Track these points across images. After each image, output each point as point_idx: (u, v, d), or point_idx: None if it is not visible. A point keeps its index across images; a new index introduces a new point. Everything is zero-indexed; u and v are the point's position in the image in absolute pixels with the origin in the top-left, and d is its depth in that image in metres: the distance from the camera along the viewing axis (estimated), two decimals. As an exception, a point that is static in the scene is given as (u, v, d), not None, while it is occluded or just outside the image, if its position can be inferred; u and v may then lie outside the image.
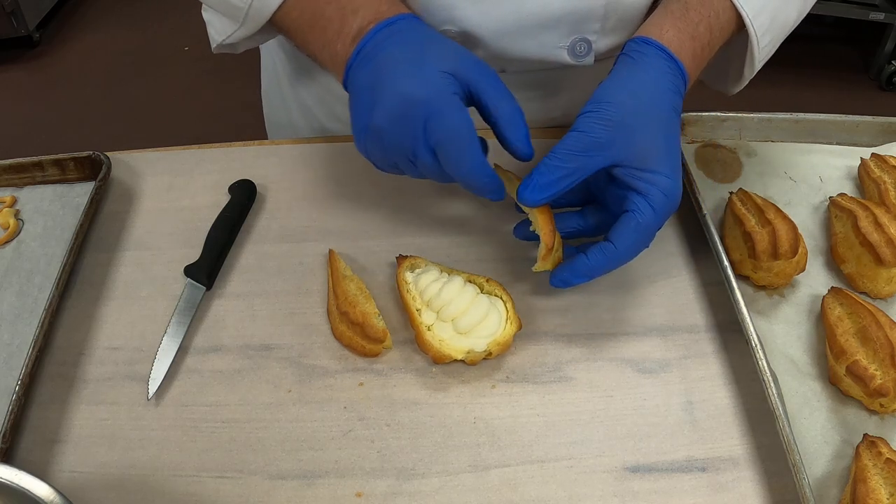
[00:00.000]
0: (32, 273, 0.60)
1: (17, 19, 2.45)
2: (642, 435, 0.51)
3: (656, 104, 0.52)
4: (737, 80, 0.64)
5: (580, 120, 0.51)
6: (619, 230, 0.51)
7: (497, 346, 0.53)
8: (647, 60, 0.53)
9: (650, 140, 0.51)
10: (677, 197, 0.52)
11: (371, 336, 0.53)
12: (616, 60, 0.55)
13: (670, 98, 0.53)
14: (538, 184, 0.51)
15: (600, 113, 0.51)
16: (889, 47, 2.41)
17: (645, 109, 0.51)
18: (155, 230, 0.64)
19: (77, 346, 0.56)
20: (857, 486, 0.45)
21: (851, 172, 0.69)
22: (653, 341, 0.56)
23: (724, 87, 0.66)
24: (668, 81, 0.53)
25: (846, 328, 0.53)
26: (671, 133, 0.53)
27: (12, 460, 0.49)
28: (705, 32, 0.55)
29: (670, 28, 0.54)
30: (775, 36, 0.59)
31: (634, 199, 0.51)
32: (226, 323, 0.57)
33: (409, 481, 0.48)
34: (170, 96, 2.36)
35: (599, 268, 0.52)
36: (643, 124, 0.51)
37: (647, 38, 0.54)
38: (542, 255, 0.53)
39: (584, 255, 0.52)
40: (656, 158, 0.51)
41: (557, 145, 0.51)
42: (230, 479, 0.48)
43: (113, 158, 0.67)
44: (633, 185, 0.51)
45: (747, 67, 0.61)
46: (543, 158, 0.51)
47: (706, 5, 0.55)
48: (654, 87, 0.53)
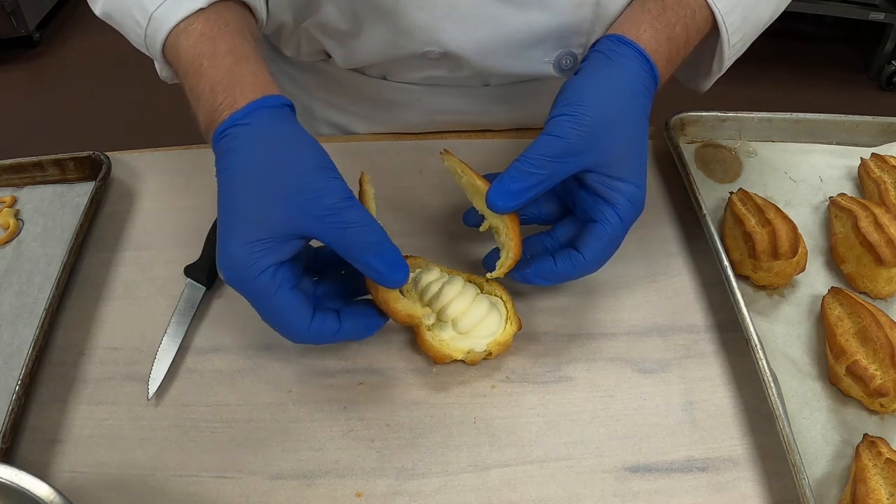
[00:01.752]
0: (32, 273, 0.60)
1: (17, 19, 2.44)
2: (642, 435, 0.51)
3: (630, 110, 0.51)
4: (706, 77, 0.62)
5: (555, 123, 0.49)
6: (588, 241, 0.50)
7: (497, 347, 0.53)
8: (622, 62, 0.52)
9: (622, 148, 0.50)
10: (642, 205, 0.51)
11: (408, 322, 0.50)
12: (589, 55, 0.53)
13: (642, 103, 0.52)
14: (510, 190, 0.49)
15: (576, 117, 0.49)
16: (889, 47, 2.41)
17: (619, 116, 0.50)
18: (155, 230, 0.64)
19: (77, 346, 0.56)
20: (857, 486, 0.45)
21: (851, 172, 0.69)
22: (653, 341, 0.56)
23: (694, 85, 0.65)
24: (642, 86, 0.52)
25: (846, 328, 0.53)
26: (641, 140, 0.52)
27: (12, 460, 0.49)
28: (682, 33, 0.54)
29: (648, 28, 0.53)
30: (746, 34, 0.58)
31: (602, 208, 0.50)
32: (226, 323, 0.57)
33: (409, 481, 0.48)
34: (170, 96, 2.34)
35: (565, 276, 0.51)
36: (617, 132, 0.50)
37: (624, 38, 0.52)
38: (506, 265, 0.52)
39: (552, 259, 0.51)
40: (626, 167, 0.50)
41: (530, 149, 0.49)
42: (230, 479, 0.48)
43: (113, 158, 0.67)
44: (602, 194, 0.50)
45: (716, 64, 0.59)
46: (515, 163, 0.49)
47: (683, 4, 0.54)
48: (628, 92, 0.51)
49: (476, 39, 0.62)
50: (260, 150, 0.45)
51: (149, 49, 0.51)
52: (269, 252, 0.44)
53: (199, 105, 0.47)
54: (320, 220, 0.44)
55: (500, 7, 0.60)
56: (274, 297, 0.44)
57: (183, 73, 0.48)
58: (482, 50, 0.63)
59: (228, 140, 0.45)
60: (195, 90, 0.47)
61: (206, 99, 0.46)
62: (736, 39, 0.57)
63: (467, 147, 0.71)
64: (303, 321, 0.46)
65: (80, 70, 2.53)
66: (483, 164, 0.62)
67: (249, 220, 0.44)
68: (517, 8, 0.60)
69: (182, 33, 0.48)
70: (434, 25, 0.60)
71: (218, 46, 0.47)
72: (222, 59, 0.47)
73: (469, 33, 0.61)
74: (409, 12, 0.59)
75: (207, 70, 0.47)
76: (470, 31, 0.61)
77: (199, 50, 0.47)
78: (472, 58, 0.63)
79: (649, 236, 0.63)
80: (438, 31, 0.61)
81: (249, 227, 0.44)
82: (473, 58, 0.63)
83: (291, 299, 0.45)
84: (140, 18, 0.49)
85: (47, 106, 2.37)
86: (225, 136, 0.45)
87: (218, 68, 0.47)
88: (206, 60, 0.47)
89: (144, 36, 0.50)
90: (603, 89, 0.51)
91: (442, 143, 0.70)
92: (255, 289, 0.44)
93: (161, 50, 0.50)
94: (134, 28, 0.50)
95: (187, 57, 0.48)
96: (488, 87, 0.71)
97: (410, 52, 0.63)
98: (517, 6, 0.60)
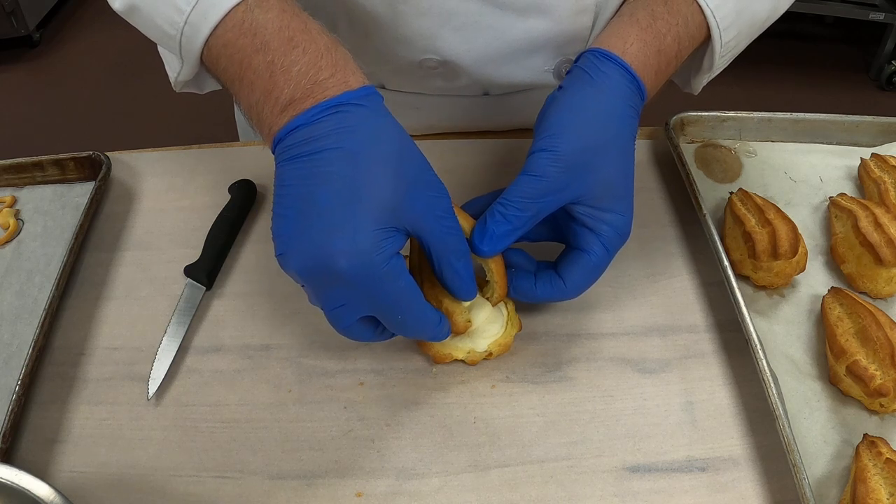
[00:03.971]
0: (32, 273, 0.60)
1: (17, 19, 2.44)
2: (642, 435, 0.51)
3: (615, 138, 0.48)
4: (697, 75, 0.59)
5: (534, 161, 0.47)
6: (571, 268, 0.50)
7: (497, 347, 0.53)
8: (606, 81, 0.48)
9: (607, 178, 0.48)
10: (628, 232, 0.50)
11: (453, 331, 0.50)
12: (571, 71, 0.50)
13: (629, 126, 0.49)
14: (494, 234, 0.47)
15: (555, 152, 0.46)
16: (889, 47, 2.41)
17: (603, 145, 0.47)
18: (155, 230, 0.64)
19: (77, 346, 0.56)
20: (857, 486, 0.45)
21: (851, 172, 0.69)
22: (653, 341, 0.56)
23: (687, 86, 0.62)
24: (628, 107, 0.49)
25: (846, 328, 0.53)
26: (627, 166, 0.49)
27: (12, 460, 0.49)
28: (672, 44, 0.51)
29: (635, 41, 0.49)
30: (741, 31, 0.54)
31: (588, 237, 0.49)
32: (226, 323, 0.57)
33: (409, 481, 0.48)
34: (170, 96, 2.35)
35: (543, 299, 0.51)
36: (600, 163, 0.47)
37: (608, 53, 0.49)
38: (492, 301, 0.51)
39: (533, 279, 0.51)
40: (612, 196, 0.48)
41: (510, 190, 0.47)
42: (230, 479, 0.48)
43: (113, 158, 0.67)
44: (588, 224, 0.49)
45: (706, 61, 0.56)
46: (496, 205, 0.47)
47: (674, 13, 0.51)
48: (614, 117, 0.48)
49: (475, 47, 0.61)
50: (385, 136, 0.43)
51: (185, 38, 0.45)
52: (395, 241, 0.42)
53: (283, 79, 0.42)
54: (438, 221, 0.43)
55: (499, 15, 0.59)
56: (406, 286, 0.43)
57: (260, 45, 0.43)
58: (481, 58, 0.62)
59: (343, 116, 0.42)
60: (281, 63, 0.43)
61: (301, 71, 0.42)
62: (729, 37, 0.53)
63: (467, 147, 0.71)
64: (431, 310, 0.45)
65: (80, 70, 2.54)
66: (483, 163, 0.63)
67: (383, 205, 0.41)
68: (516, 15, 0.59)
69: (256, 7, 0.44)
70: (433, 33, 0.60)
71: (309, 24, 0.44)
72: (318, 36, 0.44)
73: (468, 41, 0.61)
74: (407, 20, 0.59)
75: (303, 42, 0.43)
76: (468, 39, 0.60)
77: (287, 22, 0.43)
78: (471, 66, 0.63)
79: (649, 236, 0.63)
80: (437, 39, 0.60)
81: (383, 212, 0.41)
82: (472, 66, 0.63)
83: (417, 289, 0.44)
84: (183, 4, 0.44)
85: (47, 106, 2.37)
86: (339, 112, 0.42)
87: (317, 42, 0.43)
88: (300, 34, 0.43)
89: (185, 23, 0.45)
90: (584, 118, 0.48)
91: (442, 144, 0.70)
92: (384, 276, 0.41)
93: (209, 34, 0.44)
94: (171, 16, 0.45)
95: (273, 27, 0.43)
96: (487, 97, 0.71)
97: (409, 60, 0.63)
98: (516, 14, 0.59)
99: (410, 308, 0.44)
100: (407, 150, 0.44)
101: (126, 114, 2.31)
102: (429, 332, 0.47)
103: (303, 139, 0.42)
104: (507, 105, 0.71)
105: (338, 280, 0.41)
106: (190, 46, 0.46)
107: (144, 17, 0.48)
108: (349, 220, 0.40)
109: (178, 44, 0.46)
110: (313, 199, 0.41)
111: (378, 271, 0.41)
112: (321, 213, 0.41)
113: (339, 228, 0.40)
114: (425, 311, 0.45)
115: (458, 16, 0.59)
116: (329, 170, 0.41)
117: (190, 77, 0.50)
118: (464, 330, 0.50)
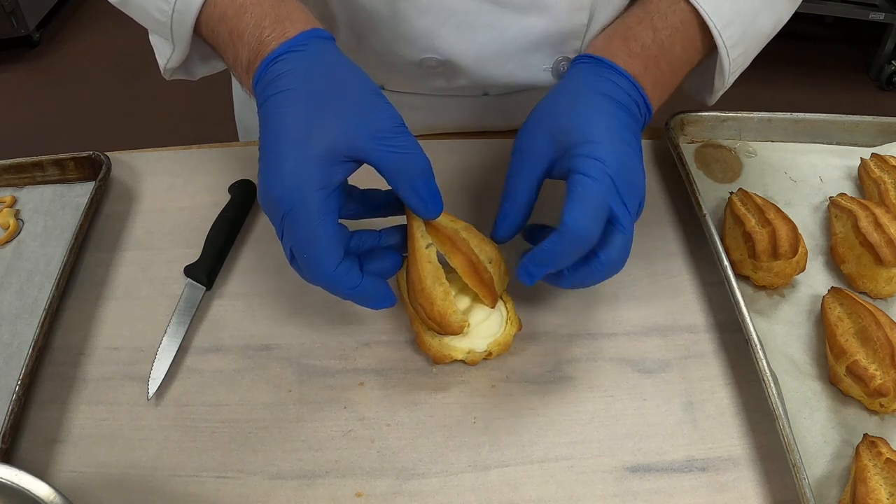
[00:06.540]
0: (32, 273, 0.60)
1: (17, 19, 2.45)
2: (642, 435, 0.51)
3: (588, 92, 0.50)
4: (710, 94, 0.60)
5: None
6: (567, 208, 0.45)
7: (497, 347, 0.53)
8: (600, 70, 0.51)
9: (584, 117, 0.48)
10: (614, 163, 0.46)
11: (448, 332, 0.50)
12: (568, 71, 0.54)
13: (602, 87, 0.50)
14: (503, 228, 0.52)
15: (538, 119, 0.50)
16: (889, 47, 2.41)
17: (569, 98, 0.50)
18: (155, 230, 0.64)
19: (77, 346, 0.56)
20: (857, 486, 0.45)
21: (851, 172, 0.69)
22: (653, 341, 0.56)
23: (700, 98, 0.63)
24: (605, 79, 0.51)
25: (846, 328, 0.53)
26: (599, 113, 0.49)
27: (12, 460, 0.49)
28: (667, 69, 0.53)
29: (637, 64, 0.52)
30: (748, 47, 0.56)
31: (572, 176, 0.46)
32: (226, 323, 0.57)
33: (409, 481, 0.48)
34: (169, 96, 2.35)
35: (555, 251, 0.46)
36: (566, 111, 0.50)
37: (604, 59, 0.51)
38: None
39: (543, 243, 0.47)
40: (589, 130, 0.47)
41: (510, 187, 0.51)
42: (230, 479, 0.48)
43: (113, 158, 0.67)
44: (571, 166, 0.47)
45: (718, 81, 0.57)
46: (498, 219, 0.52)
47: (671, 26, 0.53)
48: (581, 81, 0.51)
49: (474, 46, 0.61)
50: (316, 70, 0.45)
51: (175, 21, 0.49)
52: (324, 170, 0.43)
53: (240, 44, 0.47)
54: (379, 142, 0.43)
55: (499, 13, 0.60)
56: (320, 222, 0.43)
57: (218, 18, 0.48)
58: (480, 57, 0.63)
59: (281, 64, 0.45)
60: (236, 30, 0.47)
61: (250, 34, 0.46)
62: (737, 54, 0.55)
63: (467, 147, 0.71)
64: (333, 259, 0.44)
65: (80, 70, 2.54)
66: (483, 163, 0.63)
67: (307, 135, 0.43)
68: (515, 13, 0.60)
69: None
70: (432, 32, 0.60)
71: None
72: None
73: (467, 40, 0.61)
74: (407, 19, 0.59)
75: (251, 7, 0.46)
76: (468, 37, 0.61)
77: None
78: (471, 65, 0.63)
79: (649, 236, 0.63)
80: (437, 38, 0.61)
81: (307, 142, 0.43)
82: (472, 65, 0.63)
83: (332, 231, 0.44)
84: None
85: (47, 106, 2.37)
86: (278, 61, 0.45)
87: (262, 5, 0.47)
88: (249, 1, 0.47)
89: (173, 10, 0.49)
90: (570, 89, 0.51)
91: (442, 144, 0.70)
92: (305, 206, 0.42)
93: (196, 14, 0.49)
94: (159, 4, 0.49)
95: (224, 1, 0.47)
96: (487, 97, 0.71)
97: (409, 59, 0.63)
98: (515, 12, 0.60)
99: (315, 245, 0.43)
100: (338, 80, 0.45)
101: (126, 114, 2.31)
102: (329, 282, 0.45)
103: (260, 92, 0.46)
104: (507, 105, 0.72)
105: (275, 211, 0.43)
106: (180, 32, 0.50)
107: (136, 6, 0.52)
108: (280, 154, 0.43)
109: (169, 29, 0.51)
110: (262, 143, 0.45)
111: (304, 200, 0.42)
112: (265, 155, 0.44)
113: (274, 162, 0.43)
114: (328, 256, 0.44)
115: (458, 14, 0.59)
116: (270, 114, 0.45)
117: (180, 62, 0.54)
118: (459, 331, 0.50)
